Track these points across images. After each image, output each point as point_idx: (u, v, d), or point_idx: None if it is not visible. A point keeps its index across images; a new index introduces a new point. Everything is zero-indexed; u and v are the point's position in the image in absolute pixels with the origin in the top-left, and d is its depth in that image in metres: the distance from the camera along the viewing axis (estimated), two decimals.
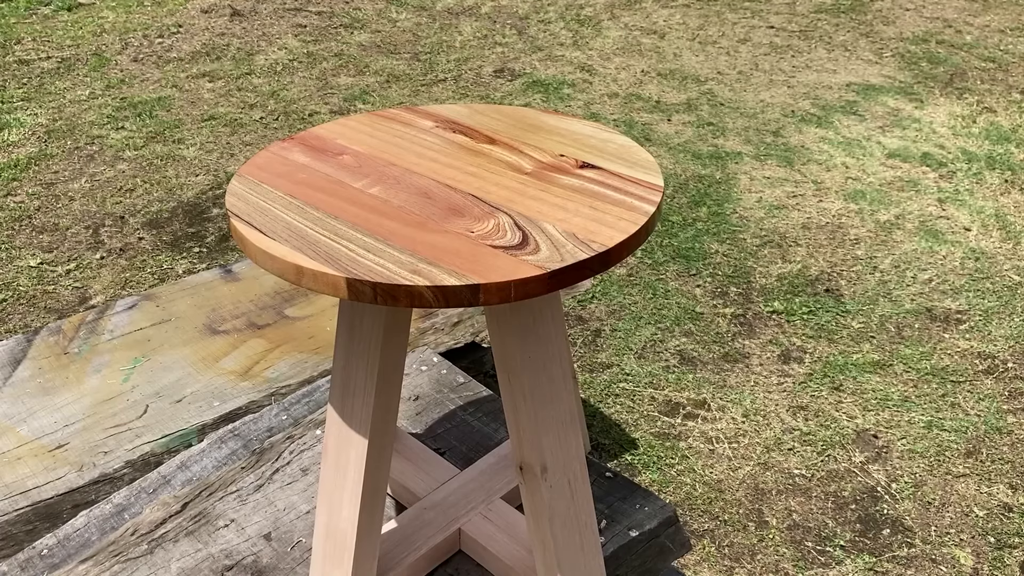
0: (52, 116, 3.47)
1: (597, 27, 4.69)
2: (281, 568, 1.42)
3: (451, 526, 1.44)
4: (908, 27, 4.74)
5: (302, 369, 1.88)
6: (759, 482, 1.81)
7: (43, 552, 1.49)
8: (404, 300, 0.92)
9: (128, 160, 3.13)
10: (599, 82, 3.93)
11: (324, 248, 0.98)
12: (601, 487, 1.60)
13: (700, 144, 3.35)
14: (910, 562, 1.63)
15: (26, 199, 2.87)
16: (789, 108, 3.70)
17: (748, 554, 1.65)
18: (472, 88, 3.85)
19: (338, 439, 1.20)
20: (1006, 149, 3.36)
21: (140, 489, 1.60)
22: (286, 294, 2.12)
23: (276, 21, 4.62)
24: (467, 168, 1.17)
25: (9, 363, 1.87)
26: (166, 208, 2.83)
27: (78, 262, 2.54)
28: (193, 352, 1.91)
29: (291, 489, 1.57)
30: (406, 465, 1.56)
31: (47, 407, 1.75)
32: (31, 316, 2.30)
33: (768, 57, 4.29)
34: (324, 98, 3.68)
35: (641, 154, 1.20)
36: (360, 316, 1.12)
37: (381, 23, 4.67)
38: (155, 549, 1.45)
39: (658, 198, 1.08)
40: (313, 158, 1.20)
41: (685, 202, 2.93)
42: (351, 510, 1.21)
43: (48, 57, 4.07)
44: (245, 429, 1.72)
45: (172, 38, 4.34)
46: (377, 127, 1.30)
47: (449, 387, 1.84)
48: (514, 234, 1.00)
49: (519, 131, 1.28)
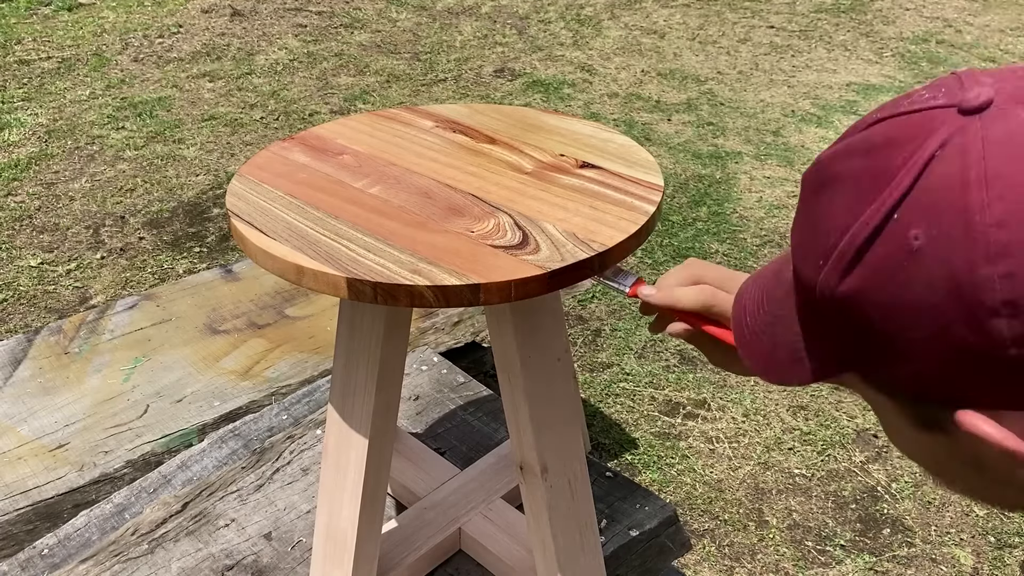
0: (52, 116, 3.47)
1: (597, 27, 4.69)
2: (281, 568, 1.42)
3: (451, 526, 1.44)
4: (908, 27, 4.74)
5: (302, 369, 1.88)
6: (759, 482, 1.81)
7: (43, 552, 1.49)
8: (404, 300, 0.92)
9: (128, 160, 3.14)
10: (599, 82, 3.93)
11: (324, 248, 0.98)
12: (601, 487, 1.60)
13: (700, 144, 3.35)
14: (910, 561, 1.63)
15: (26, 199, 2.87)
16: (789, 108, 3.70)
17: (748, 553, 1.65)
18: (472, 88, 3.85)
19: (338, 439, 1.20)
20: None
21: (140, 489, 1.60)
22: (286, 294, 2.12)
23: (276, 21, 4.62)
24: (467, 168, 1.17)
25: (9, 363, 1.87)
26: (166, 208, 2.83)
27: (78, 262, 2.54)
28: (193, 352, 1.91)
29: (291, 489, 1.57)
30: (406, 465, 1.56)
31: (47, 407, 1.75)
32: (31, 316, 2.30)
33: (768, 57, 4.29)
34: (324, 98, 3.68)
35: (641, 154, 1.20)
36: (360, 316, 1.12)
37: (381, 23, 4.67)
38: (155, 549, 1.45)
39: (658, 198, 1.08)
40: (313, 158, 1.20)
41: (685, 202, 2.93)
42: (351, 510, 1.21)
43: (48, 57, 4.07)
44: (245, 429, 1.72)
45: (172, 38, 4.34)
46: (377, 127, 1.30)
47: (449, 387, 1.84)
48: (514, 234, 1.00)
49: (519, 131, 1.28)
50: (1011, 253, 0.39)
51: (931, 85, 0.47)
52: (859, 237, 0.44)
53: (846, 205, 0.46)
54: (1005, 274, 0.39)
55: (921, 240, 0.42)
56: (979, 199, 0.40)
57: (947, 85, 0.45)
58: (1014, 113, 0.41)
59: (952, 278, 0.41)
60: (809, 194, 0.50)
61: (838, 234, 0.46)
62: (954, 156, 0.42)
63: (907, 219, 0.43)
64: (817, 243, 0.48)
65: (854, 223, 0.45)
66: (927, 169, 0.42)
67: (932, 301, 0.42)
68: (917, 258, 0.42)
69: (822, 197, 0.48)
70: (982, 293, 0.40)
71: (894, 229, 0.43)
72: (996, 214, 0.40)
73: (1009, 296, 0.39)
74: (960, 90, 0.44)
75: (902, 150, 0.44)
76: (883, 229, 0.43)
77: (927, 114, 0.44)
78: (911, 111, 0.45)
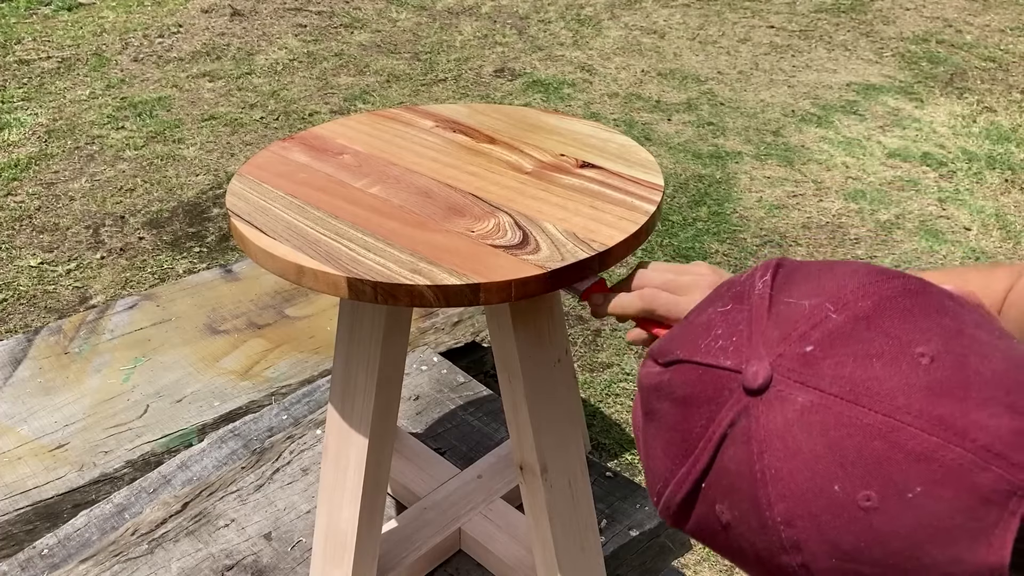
0: (52, 116, 3.47)
1: (597, 27, 4.69)
2: (281, 568, 1.42)
3: (451, 526, 1.44)
4: (908, 27, 4.74)
5: (302, 369, 1.88)
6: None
7: (43, 552, 1.49)
8: (404, 299, 0.92)
9: (128, 160, 3.14)
10: (599, 82, 3.93)
11: (324, 247, 0.98)
12: (601, 487, 1.60)
13: (700, 144, 3.35)
14: None
15: (26, 199, 2.87)
16: (789, 108, 3.70)
17: None
18: (472, 88, 3.85)
19: (338, 439, 1.20)
20: (1006, 149, 3.36)
21: (140, 489, 1.60)
22: (286, 294, 2.12)
23: (276, 21, 4.62)
24: (467, 168, 1.17)
25: (9, 363, 1.87)
26: (166, 208, 2.83)
27: (78, 262, 2.54)
28: (193, 352, 1.91)
29: (291, 489, 1.57)
30: (406, 465, 1.56)
31: (47, 407, 1.75)
32: (31, 316, 2.30)
33: (768, 57, 4.29)
34: (324, 98, 3.68)
35: (641, 154, 1.20)
36: (361, 316, 1.12)
37: (381, 23, 4.67)
38: (155, 549, 1.45)
39: (658, 197, 1.08)
40: (313, 158, 1.20)
41: (685, 202, 2.93)
42: (351, 510, 1.21)
43: (48, 57, 4.07)
44: (245, 429, 1.72)
45: (172, 38, 4.34)
46: (377, 127, 1.30)
47: (449, 387, 1.83)
48: (514, 233, 1.00)
49: (519, 131, 1.28)
50: (802, 548, 0.41)
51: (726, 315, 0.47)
52: (677, 495, 0.46)
53: (665, 454, 0.47)
54: (801, 564, 0.41)
55: (727, 516, 0.44)
56: (765, 496, 0.41)
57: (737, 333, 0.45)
58: (791, 398, 0.42)
59: (759, 557, 0.43)
60: (643, 415, 0.51)
61: (663, 482, 0.48)
62: (741, 442, 0.43)
63: (712, 493, 0.44)
64: (651, 476, 0.50)
65: (672, 479, 0.47)
66: (721, 449, 0.44)
67: (750, 563, 0.44)
68: (728, 531, 0.44)
69: (649, 427, 0.50)
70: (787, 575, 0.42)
71: (705, 497, 0.45)
72: (782, 512, 0.41)
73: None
74: (746, 347, 0.44)
75: (699, 413, 0.45)
76: (697, 494, 0.45)
77: (718, 375, 0.45)
78: (705, 364, 0.46)
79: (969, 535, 0.38)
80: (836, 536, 0.40)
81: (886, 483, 0.39)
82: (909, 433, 0.39)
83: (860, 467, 0.39)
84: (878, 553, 0.39)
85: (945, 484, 0.38)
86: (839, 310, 0.43)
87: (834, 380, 0.41)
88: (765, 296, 0.46)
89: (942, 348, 0.41)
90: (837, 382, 0.41)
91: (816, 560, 0.40)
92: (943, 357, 0.40)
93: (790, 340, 0.43)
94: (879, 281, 0.44)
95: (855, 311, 0.43)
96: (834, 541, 0.40)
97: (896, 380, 0.40)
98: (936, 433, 0.38)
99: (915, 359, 0.40)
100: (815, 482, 0.40)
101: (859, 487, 0.39)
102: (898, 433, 0.39)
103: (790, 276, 0.47)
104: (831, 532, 0.40)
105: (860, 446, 0.39)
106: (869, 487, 0.39)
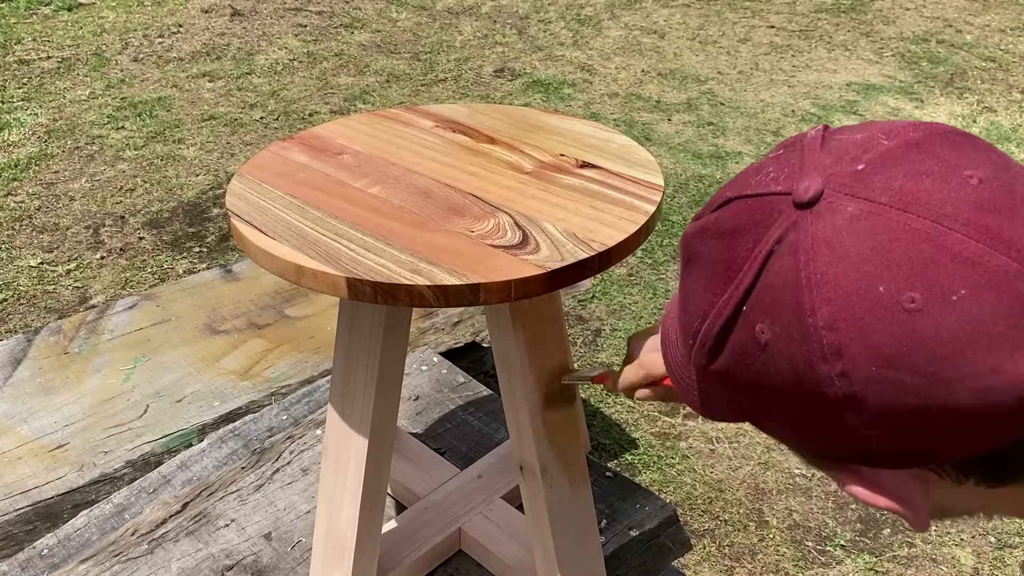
0: (52, 116, 3.47)
1: (597, 27, 4.69)
2: (281, 568, 1.42)
3: (451, 526, 1.44)
4: (908, 27, 4.74)
5: (302, 369, 1.88)
6: (759, 482, 1.81)
7: (43, 552, 1.49)
8: (404, 299, 0.92)
9: (128, 160, 3.14)
10: (599, 82, 3.93)
11: (324, 248, 0.98)
12: (601, 487, 1.60)
13: (700, 144, 3.35)
14: (910, 562, 1.63)
15: (26, 199, 2.87)
16: (789, 108, 3.70)
17: (748, 554, 1.65)
18: (472, 88, 3.85)
19: (338, 439, 1.20)
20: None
21: (140, 489, 1.60)
22: (286, 294, 2.12)
23: (276, 21, 4.62)
24: (467, 168, 1.17)
25: (9, 363, 1.87)
26: (166, 208, 2.83)
27: (78, 262, 2.54)
28: (193, 352, 1.91)
29: (291, 489, 1.57)
30: (406, 465, 1.56)
31: (47, 407, 1.75)
32: (31, 316, 2.30)
33: (768, 57, 4.29)
34: (324, 98, 3.68)
35: (641, 154, 1.20)
36: (360, 316, 1.12)
37: (381, 23, 4.67)
38: (155, 549, 1.45)
39: (658, 197, 1.08)
40: (313, 158, 1.20)
41: (685, 202, 2.93)
42: (351, 510, 1.21)
43: (48, 57, 4.07)
44: (245, 429, 1.72)
45: (172, 38, 4.34)
46: (377, 127, 1.30)
47: (449, 387, 1.83)
48: (514, 233, 1.00)
49: (519, 131, 1.28)
50: (843, 354, 0.41)
51: (778, 158, 0.48)
52: (715, 326, 0.46)
53: (705, 289, 0.47)
54: (841, 373, 0.41)
55: (767, 335, 0.44)
56: (809, 301, 0.41)
57: (789, 165, 0.46)
58: (841, 208, 0.42)
59: (797, 373, 0.43)
60: (682, 266, 0.51)
61: (700, 318, 0.48)
62: (788, 254, 0.43)
63: (753, 314, 0.44)
64: (687, 321, 0.49)
65: (711, 311, 0.47)
66: (767, 265, 0.44)
67: (785, 389, 0.44)
68: (767, 351, 0.44)
69: (689, 275, 0.50)
70: (824, 388, 0.42)
71: (744, 321, 0.45)
72: (825, 316, 0.41)
73: (848, 391, 0.41)
74: (798, 173, 0.45)
75: (746, 239, 0.45)
76: (736, 319, 0.45)
77: (768, 201, 0.45)
78: (755, 195, 0.46)
79: (1011, 344, 0.38)
80: (878, 340, 0.40)
81: (931, 285, 0.39)
82: (956, 239, 0.39)
83: (906, 268, 0.39)
84: (919, 359, 0.39)
85: (989, 288, 0.38)
86: (890, 138, 0.44)
87: (884, 191, 0.42)
88: (817, 137, 0.47)
89: (991, 174, 0.42)
90: (887, 192, 0.41)
91: (856, 367, 0.40)
92: (991, 181, 0.41)
93: (843, 162, 0.44)
94: (930, 124, 0.45)
95: (906, 139, 0.44)
96: (876, 345, 0.40)
97: (945, 193, 0.41)
98: (983, 240, 0.39)
99: (964, 179, 0.41)
100: (860, 284, 0.40)
101: (904, 288, 0.39)
102: (945, 238, 0.39)
103: (841, 128, 0.48)
104: (874, 335, 0.40)
105: (907, 248, 0.40)
106: (914, 288, 0.39)
